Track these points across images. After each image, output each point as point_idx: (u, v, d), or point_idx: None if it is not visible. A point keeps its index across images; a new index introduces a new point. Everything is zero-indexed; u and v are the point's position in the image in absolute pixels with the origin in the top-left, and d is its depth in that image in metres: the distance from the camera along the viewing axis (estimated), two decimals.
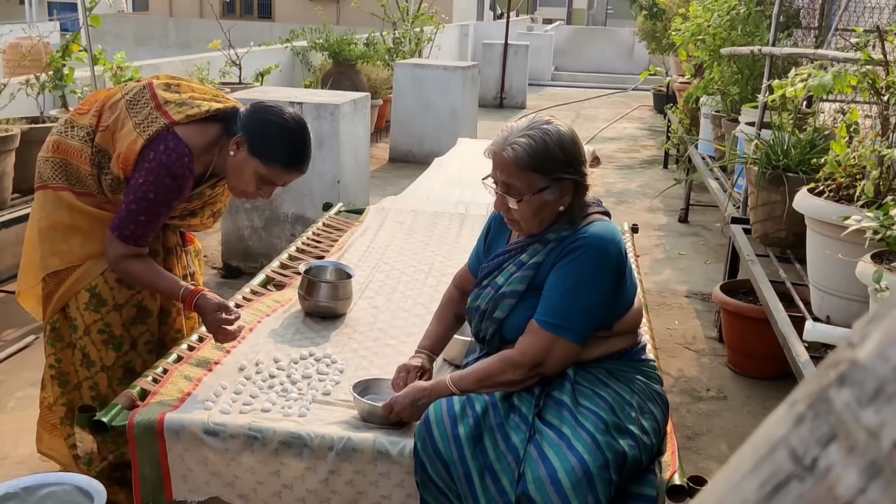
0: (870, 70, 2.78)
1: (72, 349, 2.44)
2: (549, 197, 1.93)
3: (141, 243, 2.30)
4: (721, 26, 5.24)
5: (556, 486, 1.68)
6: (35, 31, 5.26)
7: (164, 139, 2.23)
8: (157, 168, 2.21)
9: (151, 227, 2.30)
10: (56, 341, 2.44)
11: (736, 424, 3.29)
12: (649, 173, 8.10)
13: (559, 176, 1.91)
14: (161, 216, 2.30)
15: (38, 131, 3.82)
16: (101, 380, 2.43)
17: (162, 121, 2.24)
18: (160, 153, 2.22)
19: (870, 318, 0.39)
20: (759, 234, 3.55)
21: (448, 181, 4.37)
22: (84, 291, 2.38)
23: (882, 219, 2.17)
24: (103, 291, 2.38)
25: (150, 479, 1.97)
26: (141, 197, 2.23)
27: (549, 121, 1.95)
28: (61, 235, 2.37)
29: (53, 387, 2.47)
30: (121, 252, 2.27)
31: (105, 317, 2.39)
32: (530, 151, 1.89)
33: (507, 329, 1.99)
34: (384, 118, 8.95)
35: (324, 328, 2.59)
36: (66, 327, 2.44)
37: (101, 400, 2.35)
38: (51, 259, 2.39)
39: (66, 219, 2.36)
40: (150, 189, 2.22)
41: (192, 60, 6.94)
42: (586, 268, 1.89)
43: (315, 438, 1.91)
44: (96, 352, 2.41)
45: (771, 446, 0.39)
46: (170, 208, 2.31)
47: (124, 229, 2.25)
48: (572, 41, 18.10)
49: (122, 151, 2.25)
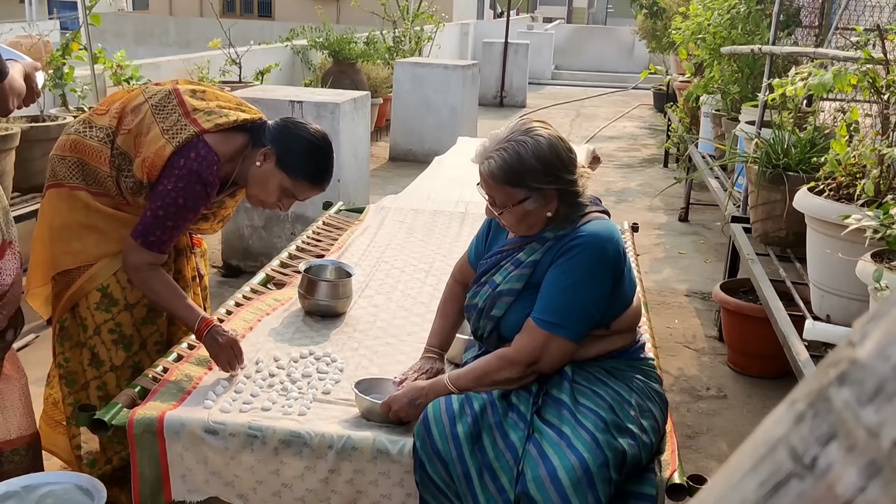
0: (870, 69, 2.78)
1: (80, 348, 2.43)
2: (530, 207, 1.93)
3: (164, 250, 2.29)
4: (721, 25, 5.24)
5: (556, 484, 1.68)
6: (35, 29, 5.25)
7: (195, 147, 2.24)
8: (187, 175, 2.22)
9: (176, 234, 2.30)
10: (65, 340, 2.44)
11: (736, 423, 3.30)
12: (649, 172, 8.10)
13: (537, 186, 1.90)
14: (187, 222, 2.31)
15: (38, 130, 3.82)
16: (110, 379, 2.42)
17: (191, 129, 2.25)
18: (191, 160, 2.23)
19: (870, 317, 0.39)
20: (759, 232, 3.55)
21: (448, 180, 4.37)
22: (95, 291, 2.37)
23: (882, 218, 2.17)
24: (115, 291, 2.38)
25: (149, 479, 1.97)
26: (170, 203, 2.22)
27: (528, 129, 1.92)
28: (75, 234, 2.37)
29: (61, 386, 2.47)
30: (145, 259, 2.27)
31: (116, 316, 2.39)
32: (504, 166, 1.89)
33: (505, 327, 1.99)
34: (384, 117, 8.95)
35: (324, 327, 2.59)
36: (76, 326, 2.43)
37: (108, 400, 2.34)
38: (63, 258, 2.38)
39: (82, 218, 2.36)
40: (179, 195, 2.22)
41: (192, 59, 6.93)
42: (583, 266, 1.89)
43: (315, 437, 1.91)
44: (106, 351, 2.41)
45: (771, 445, 0.39)
46: (196, 215, 2.31)
47: (149, 235, 2.25)
48: (572, 40, 18.10)
49: (148, 156, 2.25)
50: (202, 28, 16.32)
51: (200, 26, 16.90)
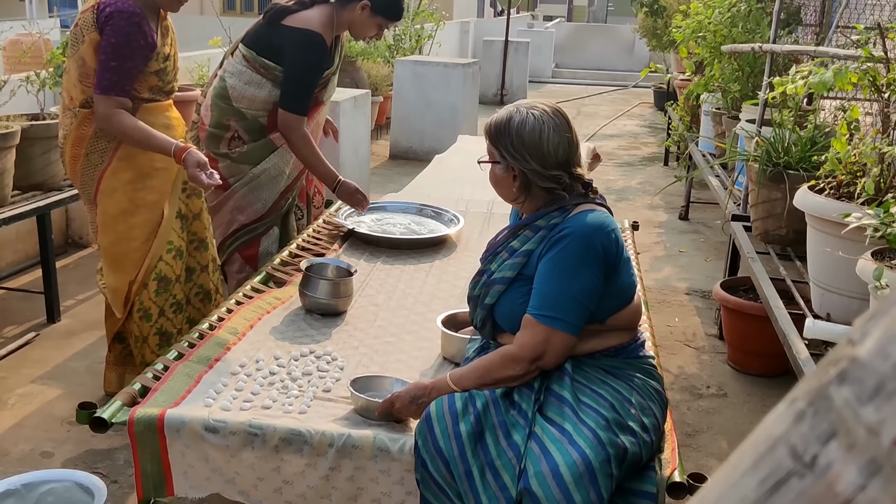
0: (870, 67, 2.77)
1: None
2: (498, 172, 2.04)
3: (122, 92, 2.68)
4: (722, 23, 5.24)
5: (557, 479, 1.68)
6: (35, 27, 5.26)
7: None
8: (109, 19, 2.63)
9: (125, 74, 2.68)
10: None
11: (736, 422, 3.30)
12: (650, 170, 8.10)
13: (504, 156, 2.00)
14: (130, 60, 2.67)
15: (38, 128, 3.82)
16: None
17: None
18: (107, 7, 2.64)
19: (870, 316, 0.39)
20: (759, 231, 3.55)
21: (448, 178, 4.37)
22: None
23: (882, 216, 2.17)
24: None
25: (151, 475, 1.97)
26: (106, 46, 2.64)
27: (532, 106, 2.03)
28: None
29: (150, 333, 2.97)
30: (109, 105, 2.67)
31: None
32: (495, 123, 2.03)
33: (498, 315, 2.01)
34: (385, 115, 8.94)
35: (324, 325, 2.60)
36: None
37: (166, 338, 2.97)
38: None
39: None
40: (111, 37, 2.62)
41: (193, 57, 6.92)
42: (572, 257, 1.90)
43: (315, 435, 1.91)
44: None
45: (771, 443, 0.39)
46: (136, 49, 2.67)
47: (103, 81, 2.65)
48: (573, 38, 18.08)
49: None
50: (202, 26, 16.26)
51: (200, 24, 16.84)
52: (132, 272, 2.89)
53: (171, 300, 2.95)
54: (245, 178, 3.31)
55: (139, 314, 2.92)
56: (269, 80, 3.23)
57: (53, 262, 3.90)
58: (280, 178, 3.39)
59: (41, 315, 3.93)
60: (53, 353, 3.62)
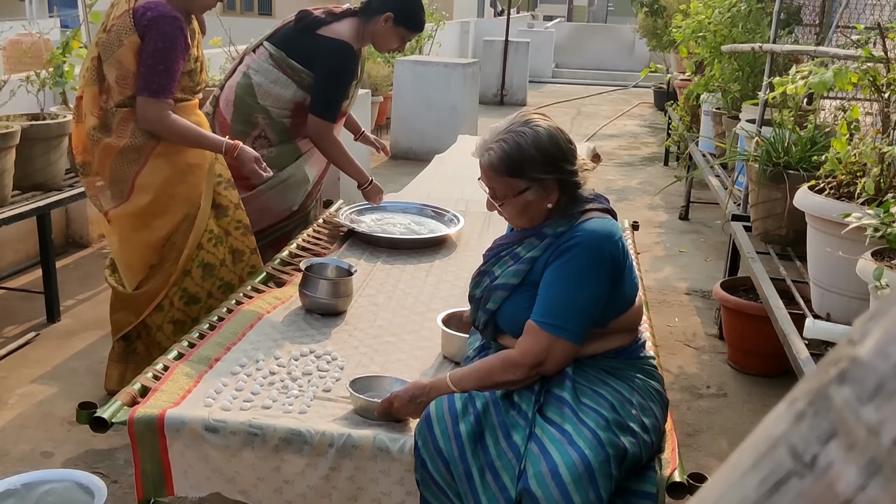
0: (871, 67, 2.77)
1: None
2: (531, 198, 1.95)
3: (168, 93, 2.75)
4: (722, 23, 5.24)
5: (557, 479, 1.68)
6: (35, 27, 5.25)
7: (145, 4, 2.73)
8: (152, 23, 2.69)
9: (171, 77, 2.74)
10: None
11: (736, 421, 3.30)
12: (650, 170, 8.10)
13: (538, 177, 1.92)
14: (176, 63, 2.74)
15: (38, 128, 3.82)
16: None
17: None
18: (147, 11, 2.71)
19: (870, 316, 0.39)
20: (759, 231, 3.54)
21: (448, 178, 4.38)
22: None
23: (882, 216, 2.17)
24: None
25: (151, 474, 1.97)
26: (152, 51, 2.70)
27: (527, 120, 1.94)
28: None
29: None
30: (159, 108, 2.74)
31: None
32: (504, 157, 1.91)
33: (500, 320, 2.00)
34: (385, 115, 8.94)
35: (324, 325, 2.60)
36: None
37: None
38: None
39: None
40: (157, 41, 2.69)
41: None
42: (581, 267, 1.89)
43: (315, 435, 1.91)
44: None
45: (771, 443, 0.39)
46: (181, 52, 2.75)
47: (151, 84, 2.72)
48: (573, 38, 18.08)
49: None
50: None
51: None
52: (152, 259, 2.97)
53: (219, 283, 3.04)
54: (272, 181, 3.36)
55: (183, 301, 3.00)
56: (295, 81, 3.34)
57: (53, 261, 3.90)
58: (306, 182, 3.53)
59: (41, 315, 3.94)
60: (53, 352, 3.62)
